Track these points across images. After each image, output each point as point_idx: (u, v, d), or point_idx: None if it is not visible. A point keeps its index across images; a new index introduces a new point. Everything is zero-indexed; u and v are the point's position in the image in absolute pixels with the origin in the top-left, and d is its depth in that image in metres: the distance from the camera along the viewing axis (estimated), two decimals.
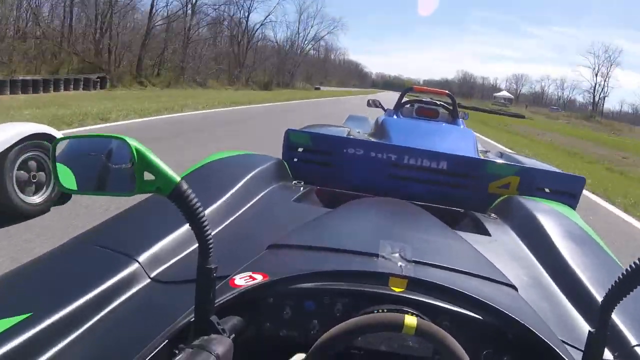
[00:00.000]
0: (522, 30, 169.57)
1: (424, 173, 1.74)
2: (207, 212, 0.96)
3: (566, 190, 1.72)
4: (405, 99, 4.99)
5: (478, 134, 7.81)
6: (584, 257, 1.03)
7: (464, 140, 3.12)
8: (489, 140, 11.78)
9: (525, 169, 1.81)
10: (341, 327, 0.54)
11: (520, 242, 1.17)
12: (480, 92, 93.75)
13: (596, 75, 56.71)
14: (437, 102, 4.93)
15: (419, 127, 3.53)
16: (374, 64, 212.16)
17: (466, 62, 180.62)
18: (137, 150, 0.49)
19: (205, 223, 0.52)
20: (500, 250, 1.08)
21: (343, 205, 1.12)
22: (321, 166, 1.84)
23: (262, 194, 1.26)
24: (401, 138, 2.79)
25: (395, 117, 4.33)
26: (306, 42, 49.89)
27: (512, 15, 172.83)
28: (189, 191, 0.50)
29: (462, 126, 4.32)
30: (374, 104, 5.76)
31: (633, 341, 0.75)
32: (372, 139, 3.05)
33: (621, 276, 0.50)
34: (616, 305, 0.52)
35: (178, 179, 0.50)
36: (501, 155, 3.29)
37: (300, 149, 1.82)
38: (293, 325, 0.65)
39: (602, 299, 0.53)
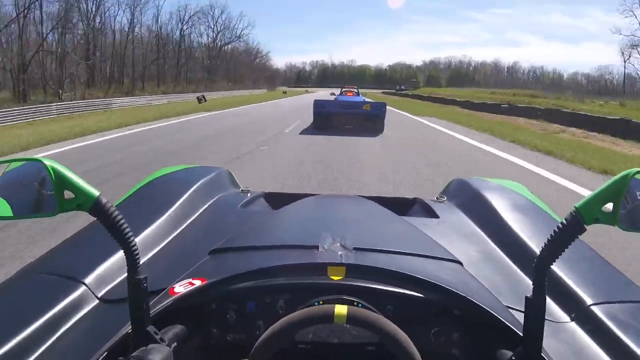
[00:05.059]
0: (463, 15, 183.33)
1: (350, 108, 11.65)
2: (153, 226, 1.03)
3: (380, 107, 11.22)
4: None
5: None
6: (532, 226, 1.06)
7: (360, 99, 14.31)
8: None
9: (369, 102, 12.42)
10: (273, 328, 0.54)
11: (469, 220, 1.19)
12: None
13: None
14: (355, 88, 18.95)
15: (347, 97, 14.88)
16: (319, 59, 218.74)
17: (408, 51, 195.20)
18: (54, 170, 0.49)
19: (129, 234, 0.53)
20: (448, 230, 1.10)
21: (289, 205, 1.12)
22: (323, 108, 11.32)
23: (208, 204, 1.27)
24: (342, 99, 13.43)
25: (338, 95, 17.05)
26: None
27: (451, 3, 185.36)
28: (109, 204, 0.51)
29: (361, 96, 16.68)
30: (333, 94, 19.49)
31: (588, 301, 0.77)
32: (337, 99, 13.66)
33: (547, 241, 0.51)
34: (548, 269, 0.53)
35: (97, 193, 0.50)
36: (364, 100, 14.07)
37: (316, 110, 11.50)
38: (239, 328, 0.66)
39: (534, 264, 0.53)
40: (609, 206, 0.48)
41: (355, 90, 17.39)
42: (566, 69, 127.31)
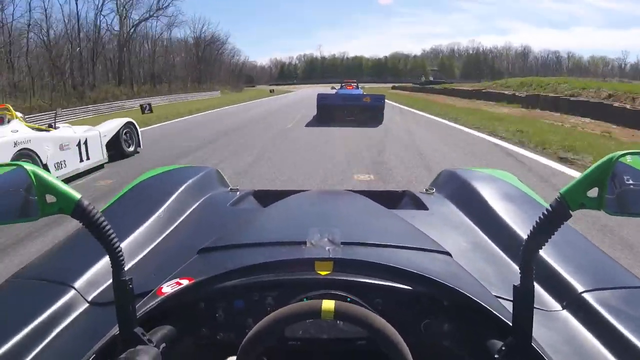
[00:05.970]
0: (452, 6, 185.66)
1: (351, 100, 12.44)
2: (142, 228, 1.03)
3: (379, 99, 11.80)
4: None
5: None
6: (521, 215, 1.05)
7: (359, 92, 15.65)
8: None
9: (369, 95, 12.99)
10: (259, 325, 0.54)
11: (458, 211, 1.18)
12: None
13: None
14: (354, 82, 20.15)
15: (347, 90, 16.02)
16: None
17: (400, 43, 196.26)
18: (35, 174, 0.49)
19: (112, 236, 0.53)
20: (438, 221, 1.09)
21: (278, 202, 1.12)
22: (326, 100, 12.16)
23: (197, 204, 1.27)
24: (344, 92, 14.87)
25: (339, 88, 17.71)
26: None
27: None
28: (91, 207, 0.51)
29: (360, 89, 17.59)
30: (334, 88, 18.53)
31: (580, 288, 0.76)
32: (337, 93, 15.01)
33: (532, 228, 0.50)
34: (535, 256, 0.51)
35: (78, 196, 0.50)
36: (363, 92, 15.54)
37: (319, 102, 12.18)
38: (228, 327, 0.66)
39: (520, 253, 0.52)
40: (595, 191, 0.46)
41: (355, 84, 19.18)
42: (579, 54, 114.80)
